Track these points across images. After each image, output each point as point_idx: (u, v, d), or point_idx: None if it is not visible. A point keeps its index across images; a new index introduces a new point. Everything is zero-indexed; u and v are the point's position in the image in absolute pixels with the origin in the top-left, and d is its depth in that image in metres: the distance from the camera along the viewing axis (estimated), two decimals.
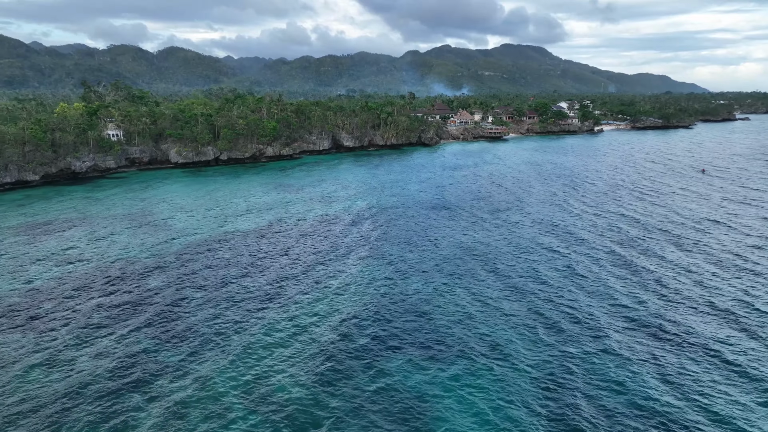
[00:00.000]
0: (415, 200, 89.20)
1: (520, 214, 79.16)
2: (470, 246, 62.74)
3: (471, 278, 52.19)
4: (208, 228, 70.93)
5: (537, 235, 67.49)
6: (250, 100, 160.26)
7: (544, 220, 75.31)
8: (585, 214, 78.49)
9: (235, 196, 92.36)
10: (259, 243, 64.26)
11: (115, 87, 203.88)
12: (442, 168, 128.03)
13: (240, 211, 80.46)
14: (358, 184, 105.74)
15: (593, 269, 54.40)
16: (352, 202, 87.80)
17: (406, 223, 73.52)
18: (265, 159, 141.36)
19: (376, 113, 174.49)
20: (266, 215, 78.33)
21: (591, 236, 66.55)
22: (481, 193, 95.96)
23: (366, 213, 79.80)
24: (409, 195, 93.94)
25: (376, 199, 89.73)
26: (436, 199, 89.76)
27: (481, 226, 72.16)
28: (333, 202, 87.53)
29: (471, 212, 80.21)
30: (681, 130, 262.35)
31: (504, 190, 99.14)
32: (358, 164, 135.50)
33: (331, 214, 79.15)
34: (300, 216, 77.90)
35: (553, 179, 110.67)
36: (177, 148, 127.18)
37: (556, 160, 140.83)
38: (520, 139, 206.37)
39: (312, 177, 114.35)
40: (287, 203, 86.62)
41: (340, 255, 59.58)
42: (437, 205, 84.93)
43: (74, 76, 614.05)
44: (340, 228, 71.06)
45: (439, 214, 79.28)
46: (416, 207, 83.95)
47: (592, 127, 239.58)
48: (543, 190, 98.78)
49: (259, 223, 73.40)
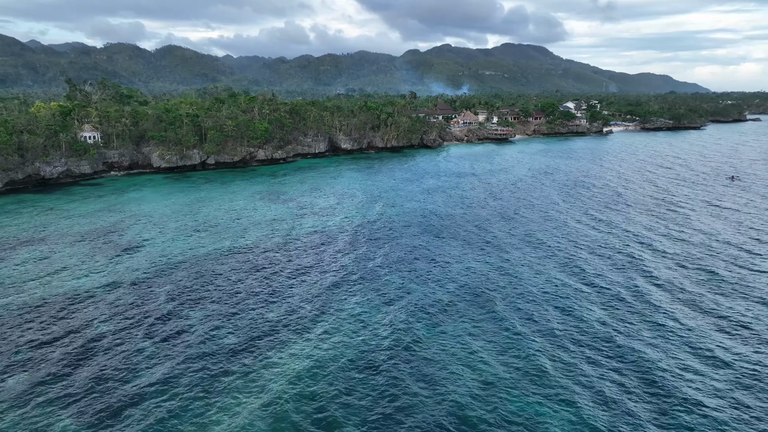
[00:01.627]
0: (418, 215, 79.20)
1: (539, 242, 69.20)
2: (484, 280, 52.76)
3: (487, 325, 42.25)
4: (180, 250, 60.94)
5: (565, 275, 57.57)
6: (242, 100, 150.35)
7: (567, 252, 65.42)
8: (612, 246, 68.61)
9: (218, 208, 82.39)
10: (237, 273, 54.28)
11: (102, 85, 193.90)
12: (448, 175, 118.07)
13: (220, 229, 70.46)
14: (356, 193, 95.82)
15: (632, 333, 44.50)
16: (347, 216, 77.81)
17: (408, 244, 63.55)
18: (256, 163, 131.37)
19: (375, 114, 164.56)
20: (250, 233, 68.32)
21: (621, 279, 56.63)
22: (492, 208, 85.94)
23: (363, 231, 69.80)
24: (412, 208, 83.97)
25: (374, 213, 79.74)
26: (443, 215, 79.75)
27: (496, 253, 62.17)
28: (326, 217, 77.56)
29: (483, 233, 70.25)
30: (692, 131, 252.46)
31: (517, 204, 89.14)
32: (356, 169, 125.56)
33: (322, 232, 69.19)
34: (288, 234, 67.90)
35: (571, 192, 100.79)
36: (159, 152, 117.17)
37: (569, 168, 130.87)
38: (527, 141, 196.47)
39: (305, 184, 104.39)
40: (275, 218, 76.63)
41: (330, 288, 49.59)
42: (445, 224, 74.89)
43: (69, 75, 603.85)
44: (332, 252, 61.03)
45: (447, 233, 69.31)
46: (420, 224, 73.97)
47: (601, 128, 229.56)
48: (561, 207, 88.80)
49: (241, 244, 63.41)
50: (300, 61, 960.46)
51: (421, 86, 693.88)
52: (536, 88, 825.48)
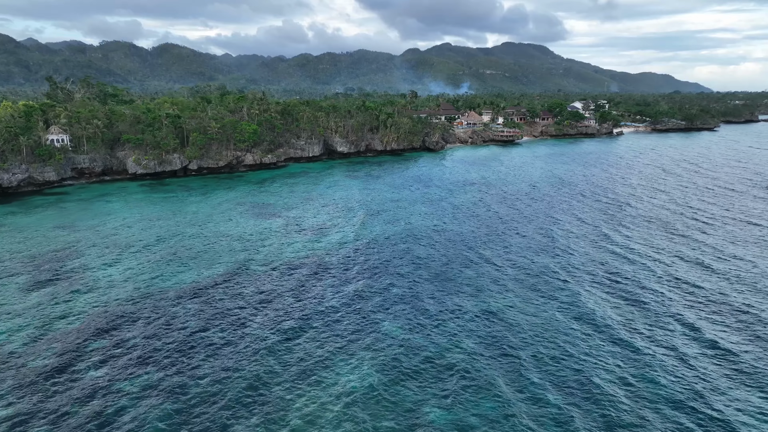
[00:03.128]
0: (423, 237, 68.33)
1: (561, 274, 58.42)
2: (501, 328, 42.04)
3: (508, 394, 31.47)
4: (132, 286, 50.07)
5: (601, 322, 46.82)
6: (230, 99, 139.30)
7: (601, 282, 54.65)
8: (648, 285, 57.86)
9: (191, 225, 71.50)
10: (202, 313, 43.49)
11: (85, 83, 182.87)
12: (453, 184, 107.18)
13: (188, 254, 59.54)
14: (351, 205, 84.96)
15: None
16: (340, 237, 66.91)
17: (411, 277, 52.76)
18: (244, 168, 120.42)
19: (374, 114, 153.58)
20: (222, 261, 57.43)
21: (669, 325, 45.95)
22: (503, 229, 75.08)
23: (357, 259, 58.95)
24: (415, 227, 73.08)
25: (371, 233, 68.85)
26: (450, 238, 68.90)
27: (515, 292, 51.40)
28: (315, 238, 66.69)
29: (497, 261, 59.46)
30: (705, 132, 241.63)
31: (530, 225, 78.33)
32: (352, 176, 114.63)
33: (309, 260, 58.32)
34: (268, 263, 57.03)
35: (589, 204, 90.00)
36: (135, 157, 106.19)
37: (583, 176, 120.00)
38: (534, 143, 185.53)
39: (295, 194, 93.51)
40: (257, 238, 65.73)
41: (316, 337, 38.86)
42: (453, 252, 64.02)
43: (62, 73, 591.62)
44: (318, 290, 50.14)
45: (456, 263, 58.48)
46: (425, 250, 63.12)
47: (611, 129, 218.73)
48: (581, 230, 77.98)
49: (207, 278, 52.52)
50: (298, 60, 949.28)
51: (420, 85, 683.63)
52: (537, 87, 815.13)
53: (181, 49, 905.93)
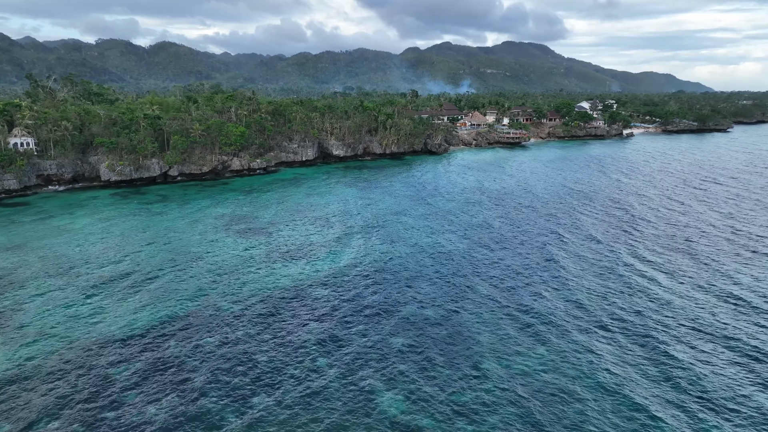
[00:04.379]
0: (427, 263, 58.51)
1: (594, 319, 48.64)
2: (531, 405, 32.21)
3: None
4: (76, 329, 40.26)
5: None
6: (218, 99, 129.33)
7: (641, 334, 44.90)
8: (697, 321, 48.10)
9: (162, 245, 61.65)
10: (145, 381, 33.67)
11: (68, 81, 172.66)
12: (459, 193, 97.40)
13: (154, 285, 49.69)
14: (346, 219, 75.07)
15: None
16: (331, 261, 57.01)
17: (416, 318, 42.98)
18: (230, 174, 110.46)
19: (373, 115, 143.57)
20: (191, 294, 47.58)
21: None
22: (517, 249, 65.24)
23: (349, 292, 49.10)
24: (417, 248, 63.27)
25: (368, 257, 58.97)
26: (461, 264, 59.10)
27: (541, 337, 41.66)
28: (302, 261, 56.82)
29: (514, 299, 49.70)
30: (717, 134, 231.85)
31: (547, 246, 68.46)
32: (348, 182, 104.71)
33: (292, 292, 48.46)
34: (243, 297, 47.16)
35: (611, 222, 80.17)
36: (109, 162, 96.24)
37: (598, 184, 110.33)
38: (542, 146, 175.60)
39: (284, 205, 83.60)
40: (234, 265, 55.84)
41: (288, 422, 29.03)
42: (463, 284, 54.19)
43: (56, 71, 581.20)
44: (301, 335, 40.35)
45: (468, 299, 48.70)
46: (430, 280, 53.31)
47: (621, 130, 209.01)
48: (607, 253, 68.11)
49: (170, 316, 42.74)
50: (297, 59, 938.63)
51: (419, 85, 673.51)
52: (539, 86, 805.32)
53: (179, 48, 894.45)
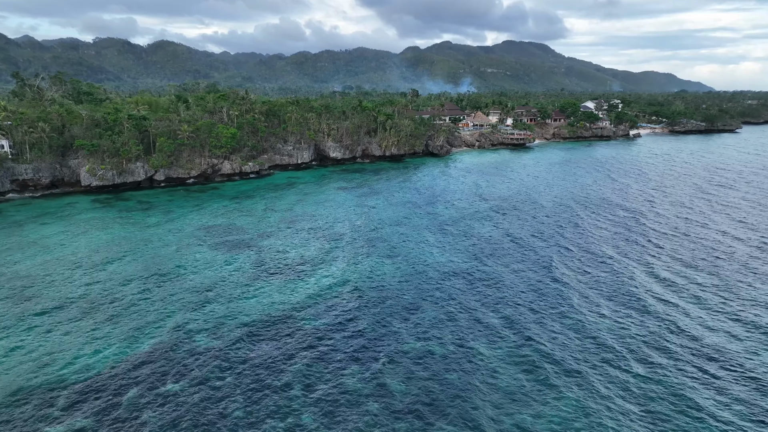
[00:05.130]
0: (430, 285, 52.52)
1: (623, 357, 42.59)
2: None
3: None
4: (21, 369, 34.25)
5: None
6: (209, 99, 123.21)
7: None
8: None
9: (138, 262, 55.64)
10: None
11: (57, 80, 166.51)
12: (463, 199, 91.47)
13: (121, 312, 43.69)
14: (342, 231, 69.02)
15: None
16: (323, 281, 50.92)
17: (423, 356, 36.97)
18: (221, 178, 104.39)
19: (372, 115, 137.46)
20: (162, 324, 41.58)
21: None
22: (531, 279, 59.26)
23: (342, 319, 43.12)
24: (420, 265, 57.27)
25: (365, 277, 52.93)
26: (465, 285, 53.11)
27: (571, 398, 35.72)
28: (291, 281, 50.75)
29: (528, 334, 43.77)
30: (725, 134, 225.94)
31: (564, 267, 62.50)
32: (346, 188, 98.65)
33: (277, 320, 42.48)
34: (220, 328, 41.18)
35: (626, 237, 74.12)
36: (90, 166, 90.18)
37: (611, 190, 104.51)
38: (547, 147, 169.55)
39: (276, 214, 77.55)
40: (214, 285, 49.81)
41: None
42: (469, 310, 48.19)
43: (51, 70, 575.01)
44: (284, 377, 34.33)
45: (475, 332, 42.74)
46: (434, 303, 47.35)
47: (628, 131, 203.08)
48: (630, 274, 62.04)
49: (134, 353, 36.77)
50: (297, 58, 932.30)
51: (419, 84, 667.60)
52: (539, 86, 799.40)
53: (177, 47, 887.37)
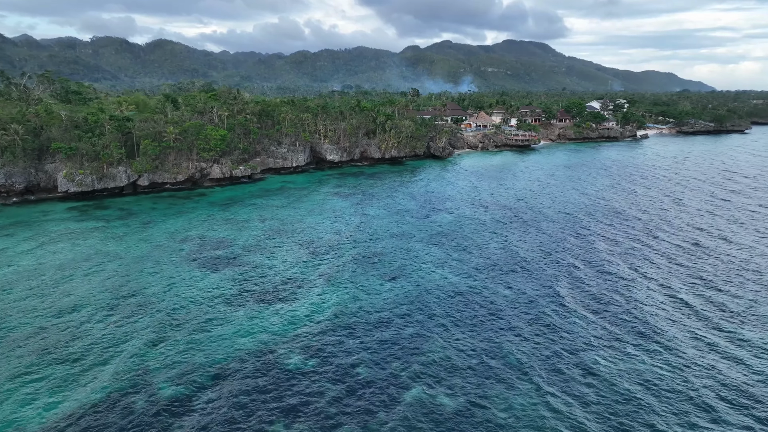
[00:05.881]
0: (437, 310, 46.27)
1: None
2: None
3: None
4: None
5: None
6: (200, 98, 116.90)
7: None
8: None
9: (106, 280, 49.36)
10: None
11: (44, 79, 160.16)
12: (468, 206, 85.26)
13: (75, 347, 37.42)
14: (336, 243, 62.71)
15: None
16: (314, 308, 44.59)
17: (426, 403, 30.66)
18: (210, 183, 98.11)
19: (371, 116, 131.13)
20: (121, 363, 35.29)
21: None
22: (551, 304, 52.92)
23: (340, 357, 36.84)
24: (425, 290, 51.00)
25: (363, 301, 46.65)
26: (477, 313, 46.87)
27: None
28: (276, 306, 44.41)
29: (553, 379, 37.51)
30: (735, 135, 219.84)
31: (579, 291, 56.14)
32: (342, 194, 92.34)
33: (263, 358, 36.20)
34: (188, 366, 34.87)
35: (647, 258, 67.78)
36: (67, 171, 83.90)
37: (625, 198, 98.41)
38: (553, 149, 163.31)
39: (265, 224, 71.28)
40: (188, 313, 43.52)
41: None
42: (484, 350, 41.99)
43: (47, 69, 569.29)
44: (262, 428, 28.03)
45: (492, 377, 36.50)
46: (442, 338, 41.11)
47: (635, 132, 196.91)
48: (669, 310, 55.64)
49: (79, 404, 30.44)
50: (296, 57, 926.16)
51: (418, 84, 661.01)
52: (540, 85, 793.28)
53: (175, 45, 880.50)
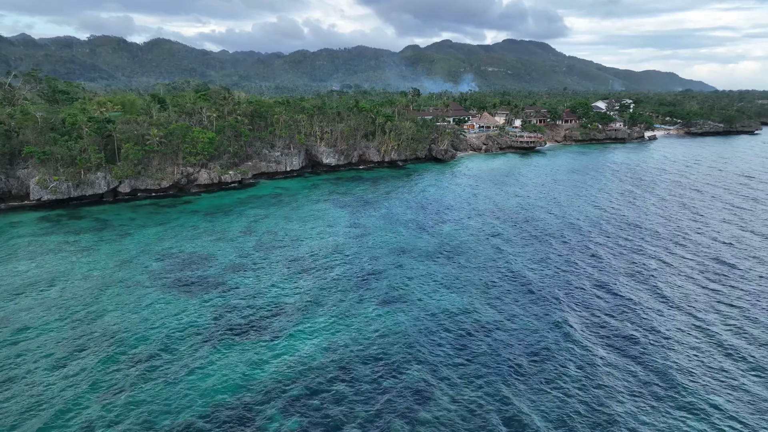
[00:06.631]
0: (443, 345, 39.96)
1: None
2: None
3: None
4: None
5: None
6: (188, 98, 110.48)
7: None
8: None
9: (57, 314, 42.97)
10: None
11: (30, 77, 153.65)
12: (474, 217, 78.88)
13: (15, 399, 31.05)
14: (330, 263, 56.32)
15: None
16: (301, 344, 38.11)
17: None
18: (197, 189, 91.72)
19: (370, 116, 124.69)
20: (59, 423, 28.90)
21: None
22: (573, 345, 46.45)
23: (330, 408, 30.43)
24: (429, 319, 44.67)
25: (358, 333, 40.24)
26: (488, 348, 40.52)
27: None
28: (260, 344, 37.98)
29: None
30: (744, 136, 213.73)
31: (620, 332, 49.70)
32: (339, 201, 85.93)
33: (238, 414, 29.78)
34: (148, 425, 28.48)
35: (673, 280, 61.49)
36: (40, 177, 77.49)
37: (634, 208, 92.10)
38: (559, 151, 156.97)
39: (252, 237, 64.89)
40: (152, 349, 37.12)
41: None
42: (496, 397, 35.58)
43: (43, 68, 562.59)
44: None
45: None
46: (450, 382, 34.80)
47: (643, 133, 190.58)
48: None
49: None
50: (295, 56, 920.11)
51: (417, 83, 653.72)
52: (541, 85, 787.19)
53: (173, 45, 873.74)
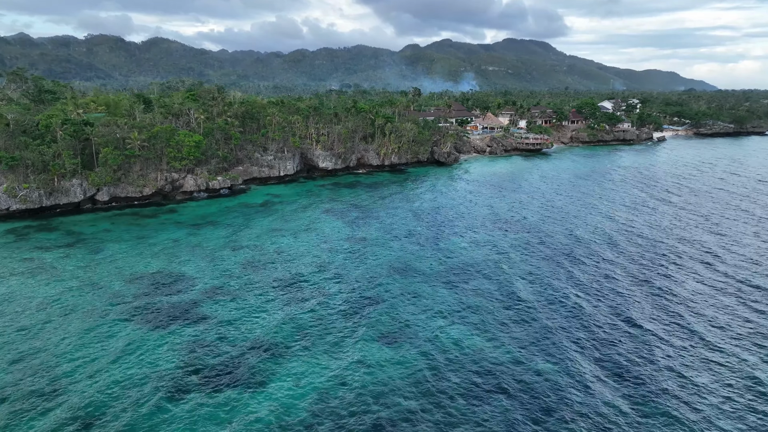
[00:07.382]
0: (450, 392, 33.52)
1: None
2: None
3: None
4: None
5: None
6: (176, 98, 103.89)
7: None
8: None
9: (2, 350, 36.56)
10: None
11: (15, 76, 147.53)
12: (479, 228, 72.36)
13: None
14: (322, 285, 49.80)
15: None
16: (286, 408, 31.64)
17: None
18: (182, 196, 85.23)
19: (369, 118, 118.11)
20: None
21: None
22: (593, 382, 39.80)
23: None
24: (435, 355, 38.27)
25: (352, 379, 33.71)
26: (505, 395, 34.04)
27: None
28: (232, 404, 31.50)
29: None
30: (755, 137, 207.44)
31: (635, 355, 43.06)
32: (334, 211, 79.37)
33: None
34: None
35: (709, 314, 54.86)
36: (8, 185, 70.99)
37: (649, 219, 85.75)
38: (566, 153, 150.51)
39: (239, 253, 58.37)
40: (101, 402, 30.60)
41: None
42: None
43: (39, 67, 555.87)
44: None
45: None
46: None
47: (651, 134, 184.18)
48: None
49: None
50: (295, 56, 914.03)
51: (417, 83, 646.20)
52: (542, 84, 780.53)
53: (171, 44, 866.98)
